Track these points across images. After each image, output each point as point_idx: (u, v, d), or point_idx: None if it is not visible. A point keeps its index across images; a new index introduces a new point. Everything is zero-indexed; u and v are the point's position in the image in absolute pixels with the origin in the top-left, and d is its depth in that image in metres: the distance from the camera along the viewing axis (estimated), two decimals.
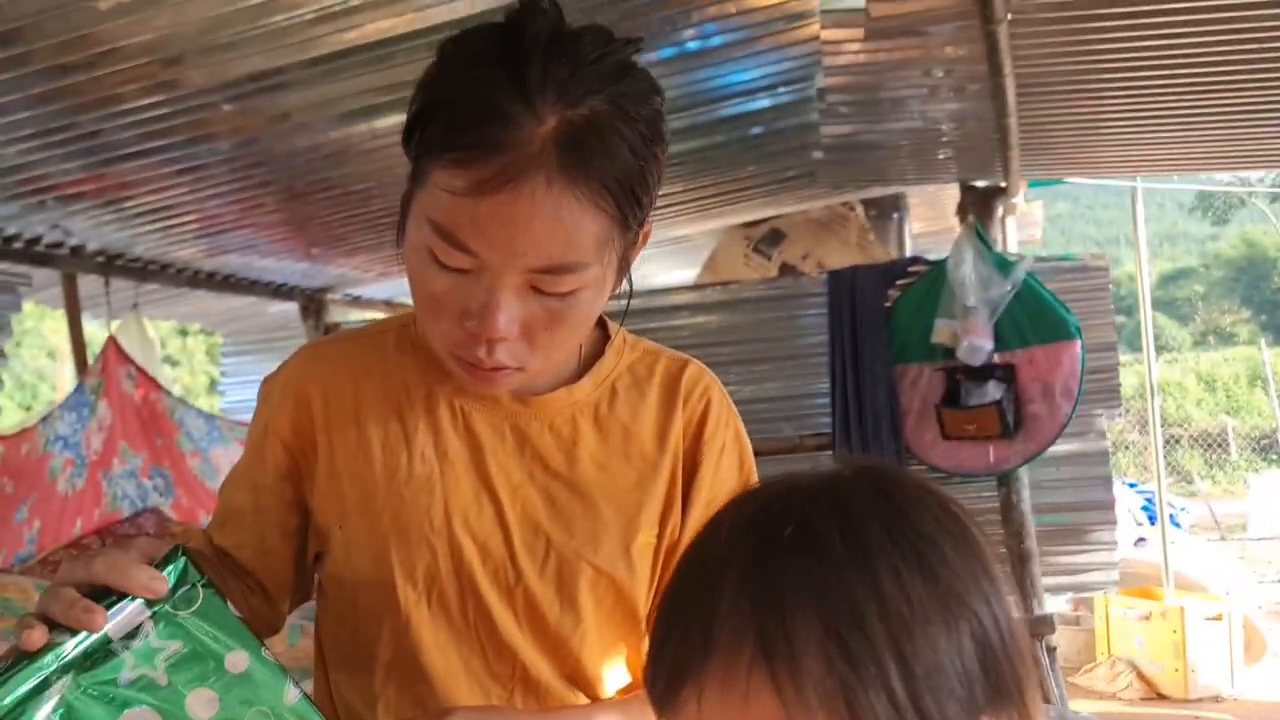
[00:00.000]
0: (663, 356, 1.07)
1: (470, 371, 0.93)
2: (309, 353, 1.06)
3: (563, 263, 0.86)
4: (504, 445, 1.00)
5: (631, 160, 0.86)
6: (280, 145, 3.20)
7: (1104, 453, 4.09)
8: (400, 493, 0.98)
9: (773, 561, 0.54)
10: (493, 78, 0.82)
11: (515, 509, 0.99)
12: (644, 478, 1.02)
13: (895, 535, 0.54)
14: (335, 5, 2.35)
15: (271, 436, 1.02)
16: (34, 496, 3.70)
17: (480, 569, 0.98)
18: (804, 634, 0.51)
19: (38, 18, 2.24)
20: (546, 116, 0.82)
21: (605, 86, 0.84)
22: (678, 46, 2.86)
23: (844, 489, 0.57)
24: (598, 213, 0.85)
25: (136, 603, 0.76)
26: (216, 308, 5.71)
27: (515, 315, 0.88)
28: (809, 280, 4.38)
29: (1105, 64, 2.80)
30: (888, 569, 0.53)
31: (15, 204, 3.44)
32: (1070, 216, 37.60)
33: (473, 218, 0.83)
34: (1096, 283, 4.07)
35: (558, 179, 0.82)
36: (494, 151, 0.81)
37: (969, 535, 0.57)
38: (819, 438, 4.20)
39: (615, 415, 1.03)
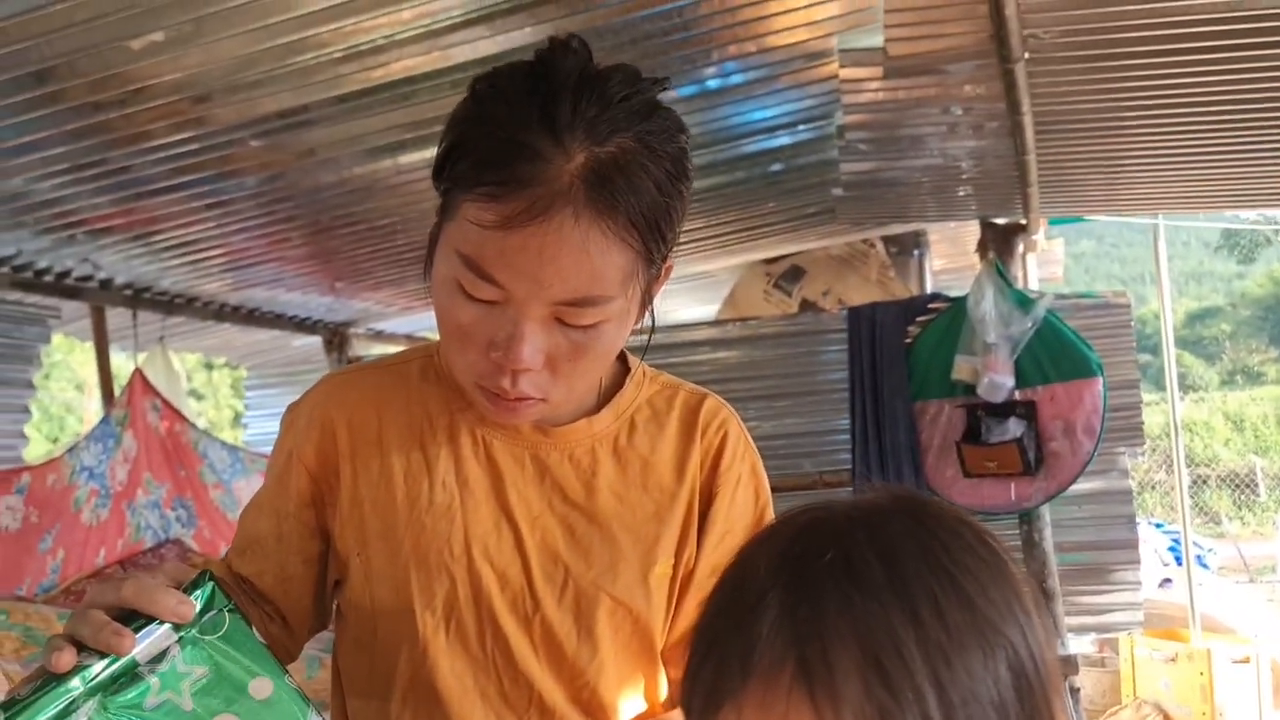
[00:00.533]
0: (681, 390, 1.09)
1: (494, 402, 0.94)
2: (334, 381, 1.08)
3: (587, 296, 0.88)
4: (524, 474, 1.02)
5: (657, 196, 0.88)
6: (306, 181, 3.25)
7: (1127, 491, 4.06)
8: (421, 520, 0.99)
9: (813, 587, 0.55)
10: (523, 115, 0.85)
11: (534, 538, 1.00)
12: (661, 509, 1.03)
13: (932, 564, 0.55)
14: (362, 44, 2.40)
15: (295, 463, 1.03)
16: (59, 526, 3.73)
17: (499, 597, 0.99)
18: (844, 659, 0.52)
19: (72, 57, 2.30)
20: (575, 153, 0.84)
21: (632, 125, 0.87)
22: (698, 84, 2.90)
23: (881, 517, 0.58)
24: (623, 247, 0.87)
25: (164, 627, 0.77)
26: (241, 341, 5.77)
27: (540, 346, 0.90)
28: (829, 316, 4.39)
29: (1125, 102, 2.80)
30: (926, 597, 0.54)
31: (47, 238, 3.50)
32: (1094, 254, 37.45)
33: (501, 250, 0.85)
34: (1118, 320, 4.06)
35: (585, 214, 0.84)
36: (523, 186, 0.83)
37: (1004, 566, 0.58)
38: (839, 474, 4.18)
39: (634, 447, 1.04)
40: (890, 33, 2.46)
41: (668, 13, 2.42)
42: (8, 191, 3.04)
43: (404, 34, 2.37)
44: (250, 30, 2.27)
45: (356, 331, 5.72)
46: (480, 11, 2.30)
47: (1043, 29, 2.36)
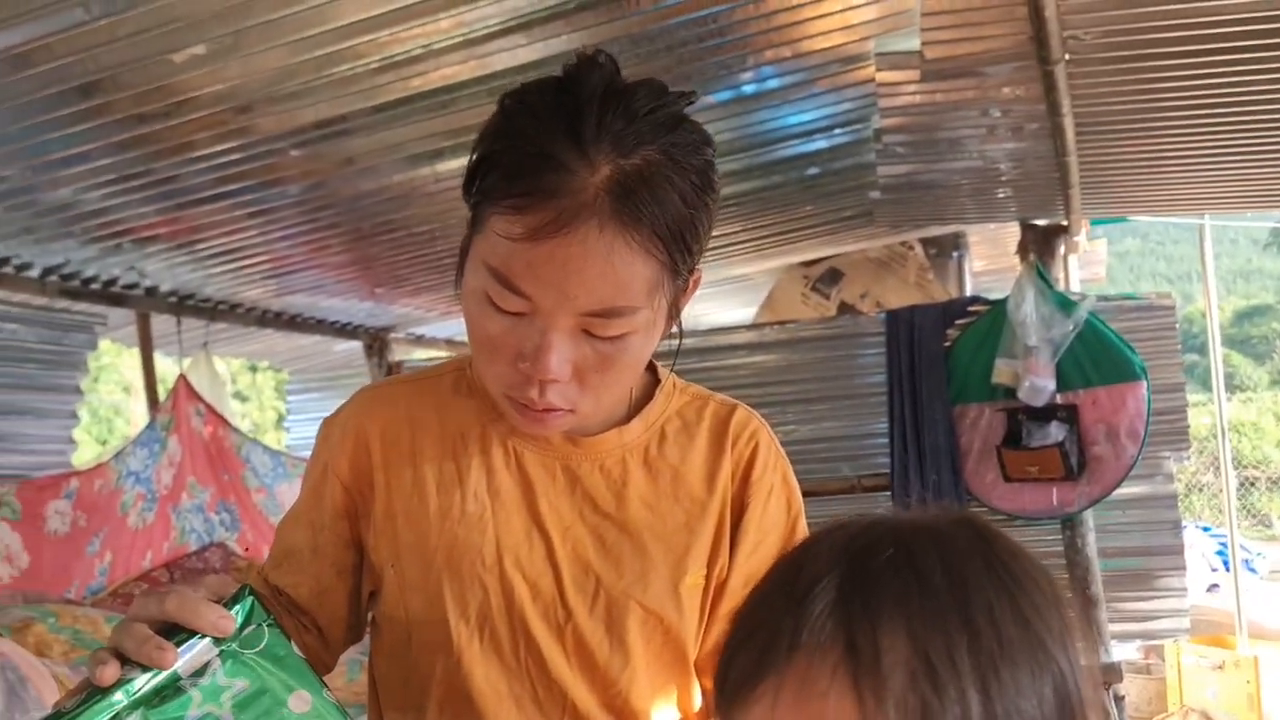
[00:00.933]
0: (711, 401, 1.09)
1: (522, 413, 0.95)
2: (368, 395, 1.09)
3: (613, 306, 0.89)
4: (555, 485, 1.02)
5: (682, 208, 0.89)
6: (346, 189, 3.29)
7: (1172, 496, 4.00)
8: (453, 531, 1.00)
9: (872, 577, 0.55)
10: (549, 129, 0.86)
11: (565, 548, 1.01)
12: (692, 519, 1.03)
13: (993, 578, 0.56)
14: (399, 54, 2.42)
15: (330, 476, 1.05)
16: (106, 530, 3.80)
17: (531, 607, 1.00)
18: (893, 649, 0.53)
19: (117, 70, 2.34)
20: (600, 165, 0.85)
21: (658, 137, 0.88)
22: (734, 90, 2.89)
23: (945, 528, 0.59)
24: (648, 258, 0.88)
25: (205, 641, 0.78)
26: (283, 346, 5.84)
27: (567, 357, 0.90)
28: (867, 319, 4.36)
29: (1168, 101, 2.77)
30: (983, 606, 0.54)
31: (94, 247, 3.57)
32: (1139, 253, 36.92)
33: (527, 262, 0.86)
34: (1162, 321, 3.99)
35: (610, 225, 0.85)
36: (549, 198, 0.84)
37: (1059, 595, 0.59)
38: (877, 478, 4.16)
39: (664, 457, 1.05)
40: (927, 35, 2.44)
41: (703, 19, 2.42)
42: (56, 202, 3.10)
43: (441, 43, 2.39)
44: (290, 42, 2.30)
45: (396, 336, 5.77)
46: (517, 20, 2.32)
47: (1083, 30, 2.33)
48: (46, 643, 2.89)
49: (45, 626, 2.97)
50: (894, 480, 4.09)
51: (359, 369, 5.81)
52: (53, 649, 2.88)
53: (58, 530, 3.59)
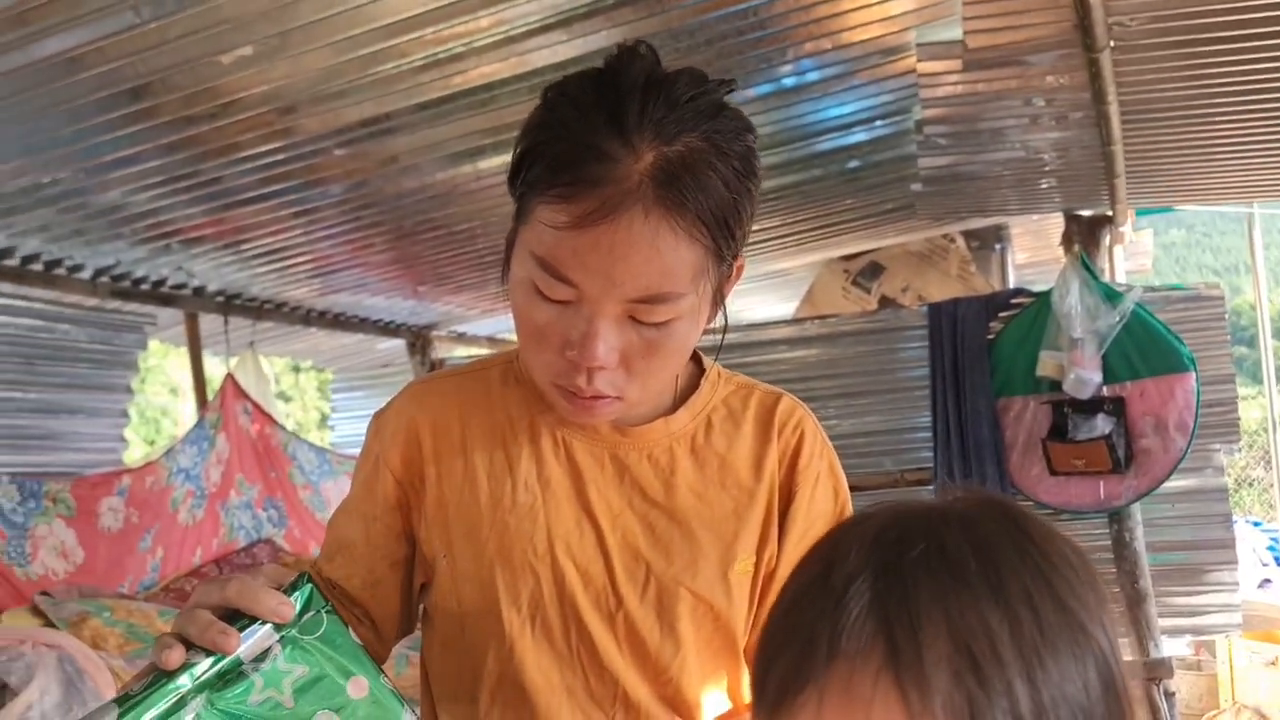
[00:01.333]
0: (757, 390, 1.10)
1: (571, 400, 0.96)
2: (418, 388, 1.10)
3: (659, 292, 0.89)
4: (604, 474, 1.03)
5: (725, 194, 0.90)
6: (389, 187, 3.32)
7: (1223, 489, 3.93)
8: (505, 520, 1.01)
9: (906, 575, 0.54)
10: (592, 119, 0.87)
11: (615, 536, 1.02)
12: (740, 506, 1.04)
13: (1027, 562, 0.54)
14: (441, 53, 2.44)
15: (382, 468, 1.06)
16: (157, 526, 3.87)
17: (582, 594, 1.00)
18: (935, 648, 0.51)
19: (165, 73, 2.38)
20: (643, 153, 0.86)
21: (699, 124, 0.88)
22: (774, 83, 2.89)
23: (974, 514, 0.57)
24: (693, 244, 0.89)
25: (266, 627, 0.80)
26: (328, 345, 5.91)
27: (614, 344, 0.91)
28: (909, 313, 4.32)
29: (1215, 88, 2.72)
30: (1020, 592, 0.53)
31: (143, 248, 3.63)
32: (1185, 244, 36.29)
33: (573, 250, 0.88)
34: (1211, 312, 3.92)
35: (654, 211, 0.86)
36: (593, 187, 0.86)
37: (1093, 573, 0.58)
38: (920, 472, 4.13)
39: (711, 446, 1.05)
40: (969, 25, 2.42)
41: (743, 12, 2.42)
42: (106, 204, 3.16)
43: (482, 41, 2.41)
44: (333, 42, 2.33)
45: (439, 334, 5.82)
46: (557, 16, 2.33)
47: (1128, 15, 2.31)
48: (102, 636, 2.95)
49: (100, 620, 3.03)
50: (937, 475, 4.05)
51: (402, 367, 5.86)
52: (108, 642, 2.94)
53: (111, 526, 3.66)
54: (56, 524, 3.46)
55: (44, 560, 3.36)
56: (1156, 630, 3.85)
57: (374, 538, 1.06)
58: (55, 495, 3.48)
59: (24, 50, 2.20)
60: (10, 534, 3.29)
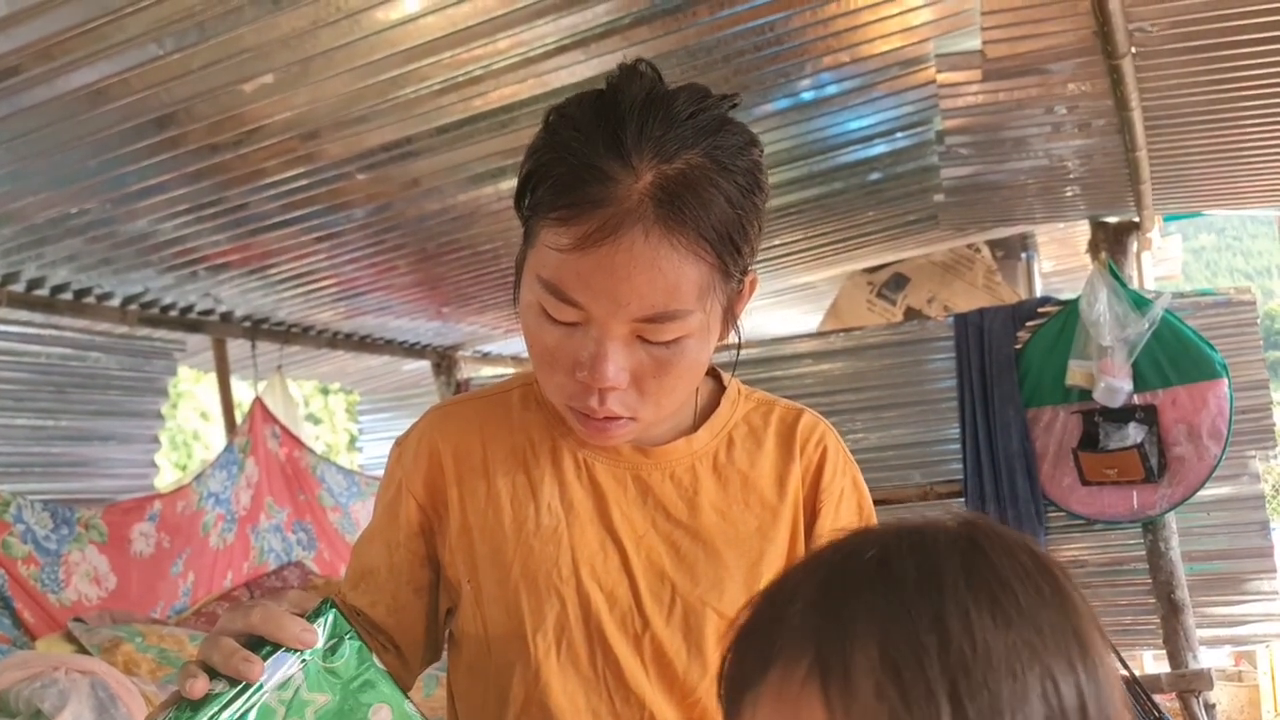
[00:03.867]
0: (778, 406, 1.10)
1: (585, 422, 0.96)
2: (439, 413, 1.10)
3: (665, 311, 0.89)
4: (627, 495, 1.03)
5: (728, 210, 0.89)
6: (412, 210, 3.34)
7: (1260, 496, 3.87)
8: (529, 544, 1.01)
9: (845, 586, 0.54)
10: (592, 140, 0.87)
11: (640, 557, 1.01)
12: (765, 524, 1.04)
13: (972, 576, 0.53)
14: (460, 76, 2.46)
15: (405, 494, 1.06)
16: (189, 551, 3.89)
17: (608, 617, 1.00)
18: (861, 659, 0.51)
19: (190, 102, 2.41)
20: (643, 172, 0.86)
21: (699, 140, 0.88)
22: (793, 98, 2.88)
23: (932, 532, 0.56)
24: (696, 261, 0.88)
25: (290, 654, 0.80)
26: (354, 367, 5.94)
27: (624, 365, 0.91)
28: (935, 324, 4.30)
29: (1241, 91, 2.70)
30: (957, 607, 0.52)
31: (170, 275, 3.67)
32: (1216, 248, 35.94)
33: (578, 272, 0.88)
34: (1243, 317, 3.88)
35: (655, 230, 0.86)
36: (594, 208, 0.86)
37: (1065, 598, 0.55)
38: (950, 484, 4.10)
39: (734, 463, 1.05)
40: (988, 34, 2.41)
41: (760, 27, 2.42)
42: (134, 233, 3.20)
43: (501, 63, 2.43)
44: (354, 68, 2.35)
45: (464, 354, 5.84)
46: (574, 37, 2.34)
47: (1149, 22, 2.29)
48: (135, 661, 2.97)
49: (133, 646, 3.05)
50: (967, 487, 4.02)
51: (427, 388, 5.89)
52: (140, 667, 2.96)
53: (143, 552, 3.69)
54: (89, 550, 3.49)
55: (77, 586, 3.39)
56: (1195, 641, 3.79)
57: (397, 564, 1.06)
58: (88, 521, 3.51)
59: (50, 84, 2.23)
60: (44, 560, 3.32)
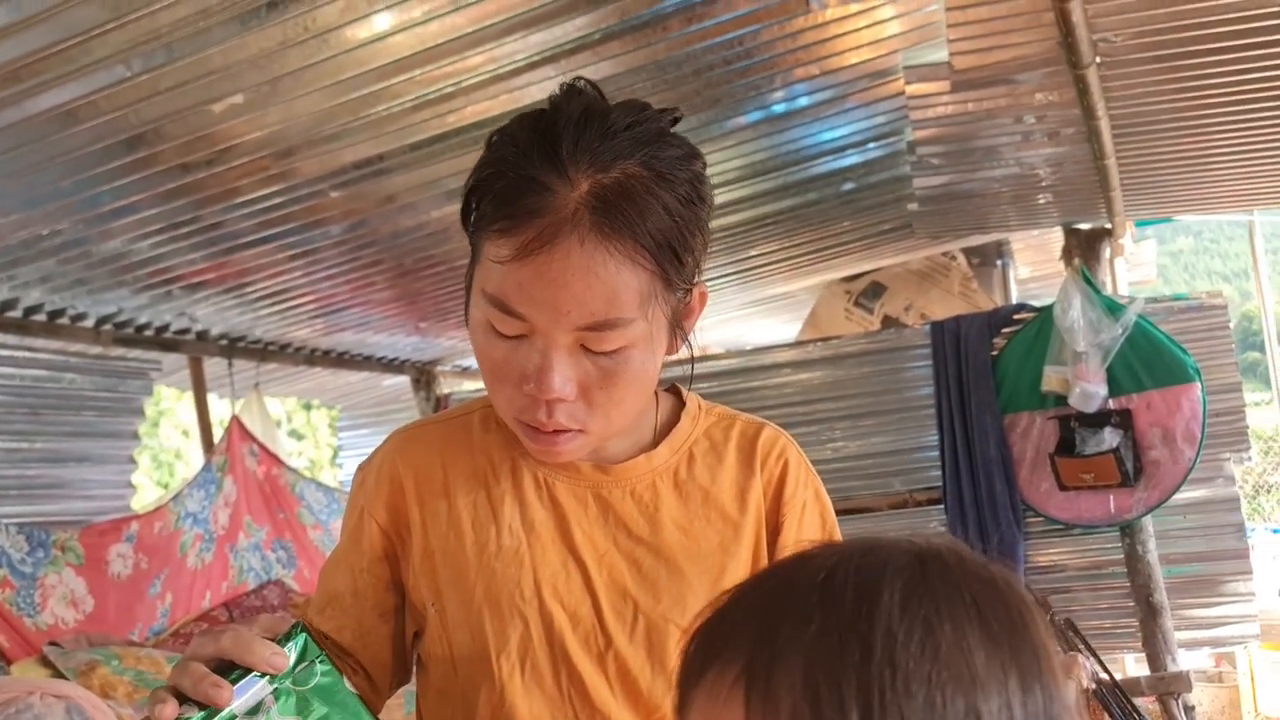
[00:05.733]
0: (738, 421, 1.10)
1: (534, 437, 0.97)
2: (400, 438, 1.10)
3: (605, 319, 0.90)
4: (588, 514, 1.04)
5: (667, 219, 0.91)
6: (387, 226, 3.34)
7: (1234, 498, 3.90)
8: (491, 565, 1.02)
9: (785, 600, 0.55)
10: (529, 154, 0.89)
11: (602, 576, 1.02)
12: (726, 539, 1.04)
13: (909, 605, 0.53)
14: (432, 93, 2.46)
15: (367, 519, 1.07)
16: (166, 571, 3.87)
17: (571, 636, 1.00)
18: (784, 674, 0.52)
19: (159, 123, 2.41)
20: (579, 182, 0.88)
21: (636, 151, 0.90)
22: (764, 110, 2.90)
23: (885, 553, 0.56)
24: (635, 268, 0.89)
25: (261, 678, 0.80)
26: (333, 384, 5.92)
27: (569, 376, 0.92)
28: (912, 332, 4.32)
29: (1206, 98, 2.73)
30: (885, 632, 0.52)
31: (145, 295, 3.66)
32: (1193, 251, 36.21)
33: (518, 283, 0.89)
34: (1214, 321, 3.91)
35: (590, 237, 0.87)
36: (532, 218, 0.88)
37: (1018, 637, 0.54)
38: (930, 491, 4.11)
39: (694, 479, 1.06)
40: (955, 46, 2.44)
41: (729, 42, 2.44)
42: (108, 253, 3.19)
43: (473, 79, 2.43)
44: (325, 87, 2.35)
45: (443, 369, 5.83)
46: (546, 53, 2.35)
47: (1113, 32, 2.32)
48: (111, 684, 2.95)
49: (109, 669, 3.02)
50: (946, 493, 4.04)
51: (407, 403, 5.87)
52: (117, 690, 2.93)
53: (120, 573, 3.66)
54: (66, 572, 3.46)
55: (53, 609, 3.36)
56: (1174, 644, 3.81)
57: (361, 589, 1.06)
58: (64, 544, 3.48)
59: (19, 106, 2.22)
60: (19, 584, 3.29)
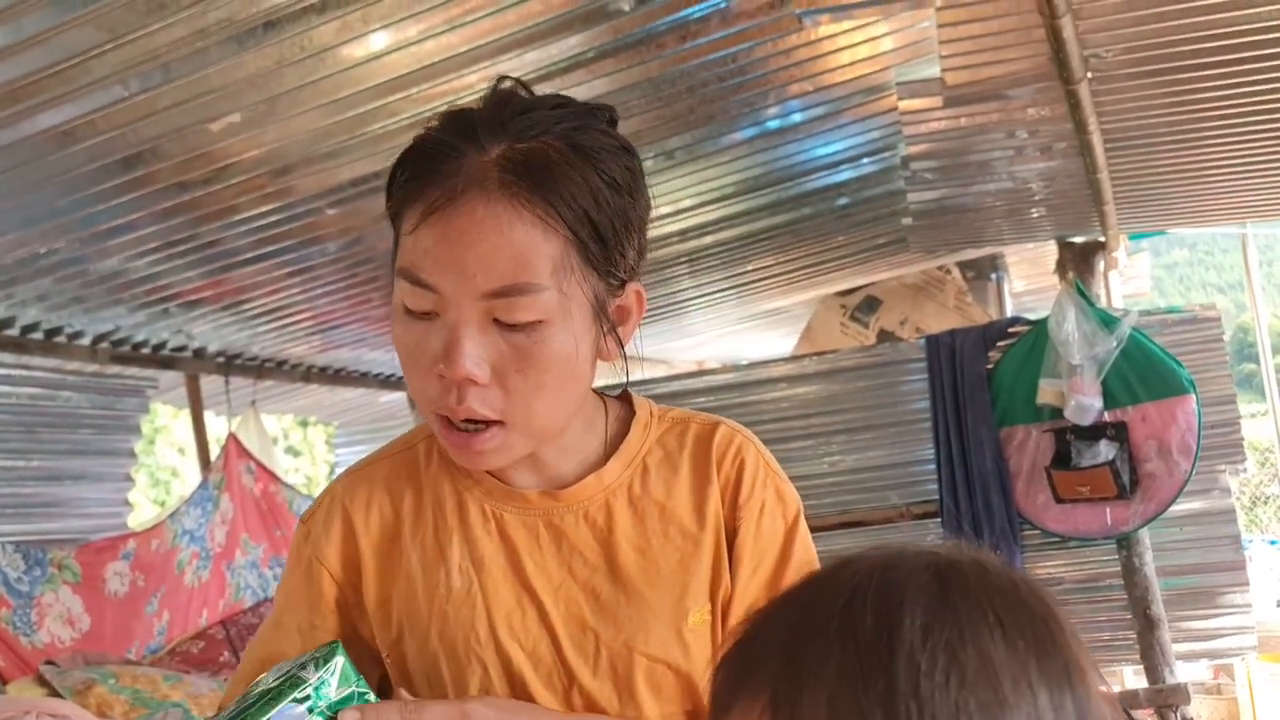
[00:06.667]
0: (693, 423, 1.05)
1: (450, 434, 0.92)
2: (346, 481, 1.06)
3: (514, 283, 0.86)
4: (539, 545, 0.99)
5: (587, 194, 0.88)
6: (384, 243, 3.31)
7: (1230, 510, 3.90)
8: (443, 610, 0.97)
9: (808, 631, 0.55)
10: (445, 129, 0.89)
11: (559, 610, 0.97)
12: (686, 556, 0.99)
13: (931, 628, 0.52)
14: (428, 111, 2.47)
15: (318, 572, 1.02)
16: (163, 589, 3.86)
17: (532, 676, 0.96)
18: (809, 708, 0.52)
19: (157, 141, 2.42)
20: (490, 148, 0.87)
21: (557, 127, 0.89)
22: (759, 126, 2.92)
23: (902, 574, 0.55)
24: (546, 231, 0.86)
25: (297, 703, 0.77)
26: (330, 401, 5.92)
27: (481, 355, 0.88)
28: (907, 345, 4.32)
29: (1198, 112, 2.75)
30: (908, 665, 0.51)
31: (143, 313, 3.66)
32: (1188, 264, 36.30)
33: (425, 250, 0.87)
34: (1209, 334, 3.92)
35: (496, 194, 0.85)
36: (441, 180, 0.86)
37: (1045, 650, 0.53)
38: (926, 505, 4.12)
39: (649, 494, 1.01)
40: (947, 62, 2.45)
41: (723, 59, 2.46)
42: (105, 271, 3.19)
43: (468, 98, 2.41)
44: (322, 105, 2.36)
45: None
46: (540, 71, 2.37)
47: (1104, 48, 2.34)
48: (108, 703, 2.94)
49: (106, 687, 3.01)
50: (943, 506, 4.04)
51: (404, 419, 5.87)
52: (114, 709, 2.93)
53: (117, 591, 3.66)
54: (63, 591, 3.46)
55: (50, 628, 3.36)
56: (1171, 656, 3.81)
57: (311, 647, 0.99)
58: (60, 562, 3.48)
59: (16, 127, 2.23)
60: (16, 603, 3.28)
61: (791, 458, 4.05)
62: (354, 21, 2.05)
